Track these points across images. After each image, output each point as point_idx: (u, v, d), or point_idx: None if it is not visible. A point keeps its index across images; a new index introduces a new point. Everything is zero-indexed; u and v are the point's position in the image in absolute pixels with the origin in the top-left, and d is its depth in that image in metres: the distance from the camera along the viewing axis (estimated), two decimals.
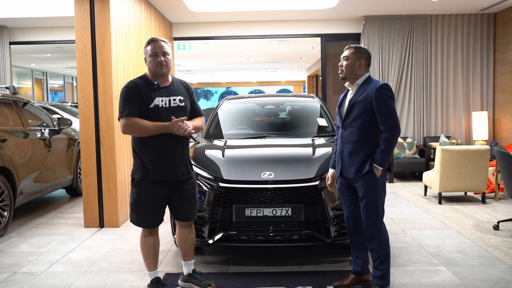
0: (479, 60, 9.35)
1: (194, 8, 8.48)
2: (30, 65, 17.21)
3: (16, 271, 4.27)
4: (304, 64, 19.80)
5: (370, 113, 3.49)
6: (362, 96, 3.52)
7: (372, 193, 3.50)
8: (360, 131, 3.53)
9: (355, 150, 3.55)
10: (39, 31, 9.84)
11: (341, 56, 3.66)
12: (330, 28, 9.63)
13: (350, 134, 3.58)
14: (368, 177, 3.49)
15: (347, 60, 3.60)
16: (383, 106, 3.45)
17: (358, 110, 3.53)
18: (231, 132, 5.49)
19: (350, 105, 3.59)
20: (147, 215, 3.55)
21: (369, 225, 3.53)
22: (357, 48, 3.62)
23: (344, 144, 3.63)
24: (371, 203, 3.50)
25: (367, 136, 3.52)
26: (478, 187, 6.71)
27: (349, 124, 3.59)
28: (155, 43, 3.52)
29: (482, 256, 4.46)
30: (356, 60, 3.58)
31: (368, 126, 3.51)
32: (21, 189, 5.80)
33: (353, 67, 3.59)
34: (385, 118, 3.44)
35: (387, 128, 3.44)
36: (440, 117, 9.46)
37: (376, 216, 3.51)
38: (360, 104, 3.52)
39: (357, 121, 3.54)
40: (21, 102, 6.53)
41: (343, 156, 3.64)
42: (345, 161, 3.62)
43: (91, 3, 5.59)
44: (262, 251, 4.66)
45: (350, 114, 3.58)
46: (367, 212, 3.52)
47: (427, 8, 8.77)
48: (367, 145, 3.52)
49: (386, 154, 3.45)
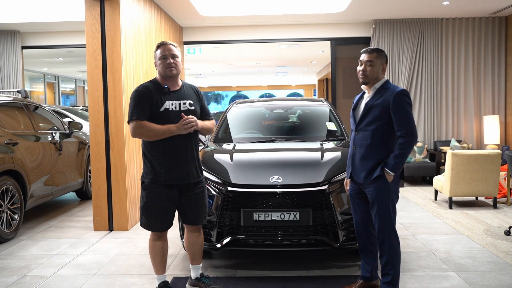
0: (490, 64, 9.28)
1: (204, 13, 8.52)
2: (42, 69, 17.38)
3: (26, 274, 4.30)
4: (314, 68, 19.78)
5: (386, 118, 3.44)
6: (380, 100, 3.47)
7: (383, 199, 3.46)
8: (374, 135, 3.49)
9: (367, 155, 3.51)
10: (51, 35, 9.93)
11: (363, 59, 3.55)
12: (340, 32, 9.62)
13: (363, 138, 3.54)
14: (379, 182, 3.46)
15: (371, 66, 3.51)
16: (401, 112, 3.40)
17: (374, 114, 3.48)
18: (240, 136, 5.50)
19: (366, 108, 3.54)
20: (157, 219, 3.56)
21: (381, 230, 3.50)
22: (379, 52, 3.55)
23: (356, 148, 3.60)
24: (382, 208, 3.47)
25: (380, 141, 3.48)
26: (489, 192, 6.65)
27: (363, 127, 3.55)
28: (164, 47, 3.55)
29: (492, 262, 4.41)
30: (380, 65, 3.53)
31: (382, 131, 3.47)
32: (32, 192, 5.85)
33: (377, 72, 3.53)
34: (402, 124, 3.40)
35: (404, 134, 3.39)
36: (451, 121, 9.40)
37: (387, 222, 3.48)
38: (377, 108, 3.47)
39: (372, 125, 3.49)
40: (33, 106, 6.59)
41: (354, 160, 3.61)
42: (356, 165, 3.59)
43: (102, 8, 5.63)
44: (270, 256, 4.65)
45: (365, 118, 3.53)
46: (378, 218, 3.49)
47: (437, 11, 8.73)
48: (379, 150, 3.48)
49: (399, 160, 3.40)
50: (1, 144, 5.38)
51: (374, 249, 3.68)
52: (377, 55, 3.53)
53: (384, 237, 3.49)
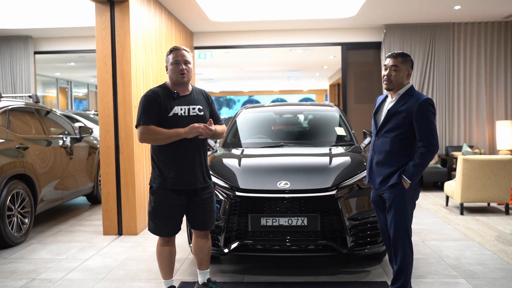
0: (503, 69, 9.19)
1: (214, 18, 8.54)
2: (54, 74, 17.54)
3: (35, 278, 4.32)
4: (325, 72, 19.74)
5: (408, 126, 3.41)
6: (403, 107, 3.43)
7: (399, 205, 3.44)
8: (394, 142, 3.45)
9: (384, 161, 3.49)
10: (63, 40, 10.04)
11: (388, 64, 3.52)
12: (350, 37, 9.59)
13: (383, 144, 3.52)
14: (395, 189, 3.44)
15: (397, 71, 3.47)
16: (424, 121, 3.37)
17: (396, 121, 3.44)
18: (249, 141, 5.49)
19: (388, 114, 3.50)
20: (165, 223, 3.56)
21: (395, 237, 3.49)
22: (404, 56, 3.51)
23: (375, 153, 3.58)
24: (397, 215, 3.45)
25: (400, 149, 3.45)
26: (501, 198, 6.56)
27: (383, 133, 3.52)
28: (177, 52, 3.55)
29: (503, 269, 4.35)
30: (405, 70, 3.49)
31: (403, 139, 3.44)
32: (42, 197, 5.89)
33: (403, 78, 3.49)
34: (425, 134, 3.37)
35: (426, 144, 3.36)
36: (463, 126, 9.31)
37: (402, 229, 3.46)
38: (400, 115, 3.43)
39: (393, 132, 3.46)
40: (44, 110, 6.65)
41: (372, 165, 3.60)
42: (373, 170, 3.58)
43: (112, 13, 5.67)
44: (278, 261, 4.63)
45: (387, 124, 3.50)
46: (393, 224, 3.47)
47: (449, 16, 8.67)
48: (398, 157, 3.45)
49: (419, 169, 3.37)
50: (12, 149, 5.43)
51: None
52: (402, 60, 3.49)
53: (399, 244, 3.48)
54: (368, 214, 4.08)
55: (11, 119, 5.69)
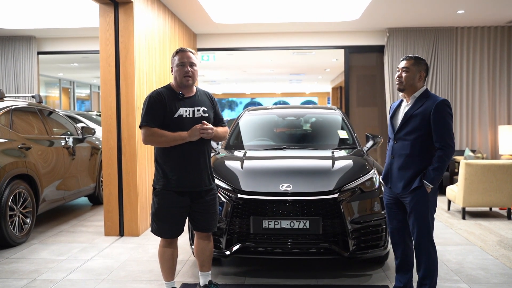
0: (505, 73, 9.18)
1: (218, 20, 8.55)
2: (57, 74, 17.57)
3: (36, 278, 4.32)
4: (328, 75, 19.75)
5: (426, 128, 3.42)
6: (420, 110, 3.44)
7: (422, 209, 3.44)
8: (413, 145, 3.46)
9: (405, 165, 3.49)
10: (66, 41, 10.06)
11: (400, 66, 3.57)
12: (353, 40, 9.59)
13: (402, 148, 3.52)
14: (417, 192, 3.44)
15: (407, 72, 3.51)
16: (441, 123, 3.37)
17: (414, 124, 3.45)
18: (251, 143, 5.49)
19: (405, 117, 3.51)
20: (168, 225, 3.56)
21: (418, 241, 3.48)
22: (417, 59, 3.54)
23: (394, 157, 3.58)
24: (420, 219, 3.45)
25: (420, 151, 3.45)
26: (503, 203, 6.55)
27: (401, 137, 3.53)
28: (183, 53, 3.55)
29: (505, 274, 4.34)
30: (416, 72, 3.51)
31: (422, 141, 3.44)
32: (44, 197, 5.89)
33: (413, 79, 3.51)
34: (441, 136, 3.37)
35: (443, 146, 3.36)
36: (465, 130, 9.30)
37: (425, 232, 3.46)
38: (417, 118, 3.44)
39: (411, 135, 3.47)
40: (47, 111, 6.66)
41: (392, 169, 3.59)
42: (394, 175, 3.57)
43: (116, 14, 5.68)
44: (280, 263, 4.62)
45: (405, 127, 3.51)
46: (416, 229, 3.46)
47: (452, 20, 8.67)
48: (418, 160, 3.45)
49: (439, 173, 3.38)
50: (15, 149, 5.44)
51: (409, 260, 3.65)
52: (414, 62, 3.52)
53: (422, 247, 3.47)
54: (370, 218, 4.08)
55: (14, 119, 5.70)
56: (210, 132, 3.48)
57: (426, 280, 3.50)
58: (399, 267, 3.71)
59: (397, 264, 3.72)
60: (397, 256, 3.71)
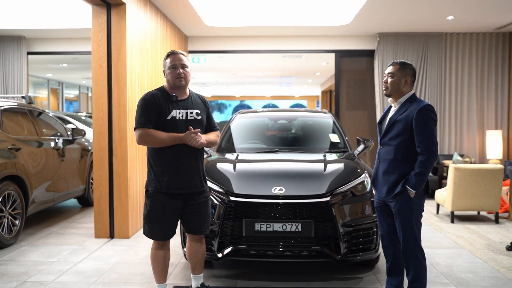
0: (493, 79, 9.30)
1: (209, 23, 8.56)
2: (46, 75, 17.45)
3: (25, 280, 4.29)
4: (318, 79, 19.83)
5: (409, 133, 3.44)
6: (404, 115, 3.48)
7: (406, 214, 3.48)
8: (397, 150, 3.49)
9: (389, 169, 3.52)
10: (56, 42, 9.99)
11: (386, 72, 3.61)
12: (344, 44, 9.66)
13: (387, 153, 3.56)
14: (401, 197, 3.47)
15: (392, 77, 3.54)
16: (423, 128, 3.39)
17: (398, 129, 3.49)
18: (243, 146, 5.50)
19: (390, 123, 3.55)
20: (160, 227, 3.56)
21: (405, 245, 3.52)
22: (402, 65, 3.57)
23: (380, 162, 3.62)
24: (405, 223, 3.48)
25: (403, 156, 3.48)
26: (491, 207, 6.62)
27: (386, 142, 3.57)
28: (174, 56, 3.56)
29: (494, 277, 4.39)
30: (401, 77, 3.54)
31: (406, 146, 3.47)
32: (33, 198, 5.85)
33: (398, 84, 3.54)
34: (423, 141, 3.39)
35: (424, 151, 3.38)
36: (454, 135, 9.40)
37: (411, 237, 3.49)
38: (400, 123, 3.48)
39: (395, 140, 3.50)
40: (36, 111, 6.61)
41: (378, 174, 3.63)
42: (379, 179, 3.62)
43: (108, 16, 5.67)
44: (271, 266, 4.64)
45: (389, 132, 3.55)
46: (402, 233, 3.51)
47: (442, 26, 8.76)
48: (402, 165, 3.48)
49: (421, 178, 3.40)
50: (4, 150, 5.39)
51: (400, 262, 3.68)
52: (399, 68, 3.55)
53: (409, 251, 3.50)
54: (361, 221, 4.11)
55: (3, 120, 5.65)
56: (199, 140, 3.46)
57: (415, 284, 3.53)
58: (390, 270, 3.74)
59: (388, 267, 3.75)
60: (387, 259, 3.74)
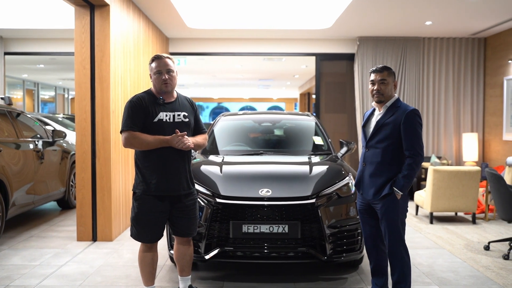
0: (469, 83, 9.51)
1: (191, 25, 8.56)
2: (22, 75, 17.16)
3: (8, 284, 4.23)
4: (296, 82, 19.94)
5: (396, 136, 3.53)
6: (391, 119, 3.55)
7: (392, 215, 3.55)
8: (384, 153, 3.56)
9: (376, 172, 3.59)
10: (34, 42, 9.84)
11: (375, 79, 3.62)
12: (325, 48, 9.75)
13: (373, 155, 3.62)
14: (388, 199, 3.54)
15: (385, 84, 3.59)
16: (411, 132, 3.49)
17: (385, 132, 3.56)
18: (228, 148, 5.52)
19: (377, 126, 3.62)
20: (148, 230, 3.56)
21: (391, 246, 3.58)
22: (389, 70, 3.64)
23: (366, 165, 3.68)
24: (391, 225, 3.55)
25: (390, 159, 3.56)
26: (468, 208, 6.78)
27: (373, 145, 3.63)
28: (160, 61, 3.56)
29: (474, 276, 4.51)
30: (391, 82, 3.63)
31: (393, 149, 3.55)
32: (14, 201, 5.75)
33: (391, 90, 3.63)
34: (411, 144, 3.48)
35: (412, 154, 3.48)
36: (432, 137, 9.58)
37: (397, 237, 3.56)
38: (388, 126, 3.55)
39: (383, 143, 3.57)
40: (15, 112, 6.51)
41: (363, 176, 3.69)
42: (365, 182, 3.67)
43: (92, 17, 5.63)
44: (258, 268, 4.67)
45: (376, 136, 3.61)
46: (388, 234, 3.57)
47: (420, 31, 8.93)
48: (389, 168, 3.56)
49: (408, 180, 3.49)
50: None
51: (384, 264, 3.75)
52: (388, 73, 3.63)
53: (395, 252, 3.57)
54: (346, 222, 4.18)
55: None
56: (187, 142, 3.47)
57: (401, 284, 3.60)
58: (374, 271, 3.81)
59: (372, 268, 3.83)
60: (371, 260, 3.81)
